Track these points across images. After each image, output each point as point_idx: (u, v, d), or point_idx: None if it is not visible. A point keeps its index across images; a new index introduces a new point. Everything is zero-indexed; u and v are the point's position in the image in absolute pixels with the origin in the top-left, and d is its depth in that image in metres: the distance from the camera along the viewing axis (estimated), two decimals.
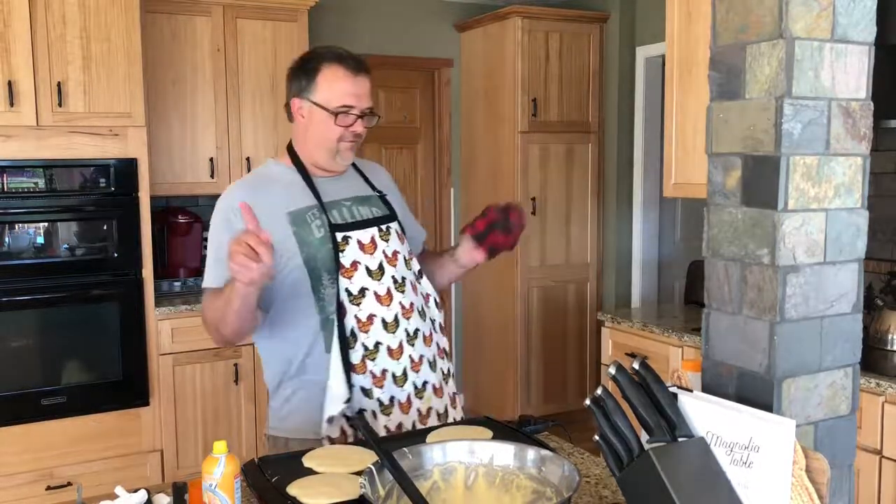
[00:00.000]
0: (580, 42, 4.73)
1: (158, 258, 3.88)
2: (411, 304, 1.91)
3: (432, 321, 2.00)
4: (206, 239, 4.55)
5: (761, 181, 1.31)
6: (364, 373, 1.84)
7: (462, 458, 1.41)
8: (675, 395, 1.31)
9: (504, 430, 1.69)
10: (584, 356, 4.94)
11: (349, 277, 1.83)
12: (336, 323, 1.81)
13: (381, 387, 1.85)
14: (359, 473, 1.36)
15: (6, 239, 3.35)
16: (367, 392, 1.85)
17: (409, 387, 1.89)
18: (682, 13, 3.25)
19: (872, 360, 2.68)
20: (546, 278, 4.78)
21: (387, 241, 1.91)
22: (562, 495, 1.27)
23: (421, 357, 1.92)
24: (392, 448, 1.33)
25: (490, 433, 1.66)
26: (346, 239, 1.85)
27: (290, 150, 1.95)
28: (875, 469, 2.52)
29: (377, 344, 1.85)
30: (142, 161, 3.54)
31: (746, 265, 1.34)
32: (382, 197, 2.01)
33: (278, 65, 4.08)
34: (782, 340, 1.30)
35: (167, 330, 3.65)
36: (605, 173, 4.88)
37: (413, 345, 1.90)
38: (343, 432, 1.88)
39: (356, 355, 1.83)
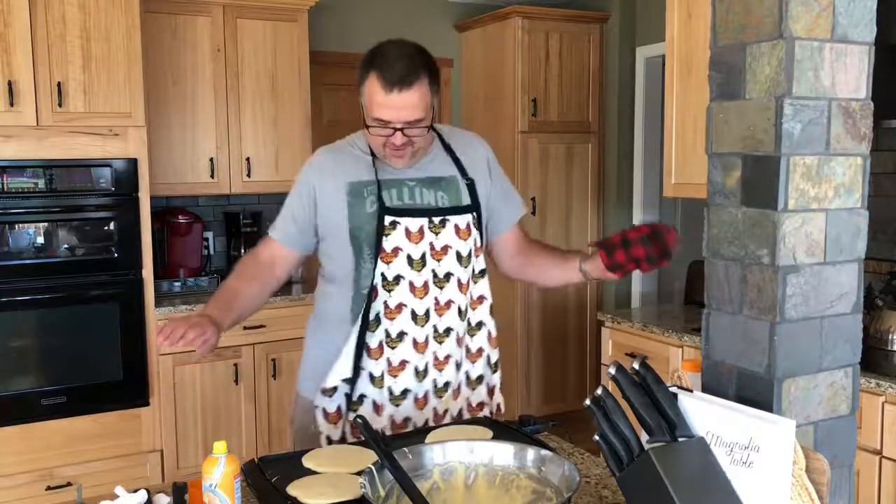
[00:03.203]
0: (580, 42, 4.73)
1: (158, 258, 3.88)
2: (449, 302, 1.88)
3: (475, 324, 1.95)
4: (206, 239, 4.56)
5: (761, 181, 1.30)
6: (379, 359, 1.85)
7: (462, 458, 1.41)
8: (675, 395, 1.31)
9: (504, 430, 1.69)
10: (584, 356, 4.94)
11: (388, 263, 1.83)
12: (365, 302, 1.84)
13: (395, 376, 1.86)
14: (359, 473, 1.36)
15: (6, 239, 3.35)
16: (374, 380, 1.86)
17: (428, 383, 1.89)
18: (682, 13, 3.25)
19: (872, 360, 2.67)
20: None
21: (437, 233, 1.86)
22: (562, 495, 1.27)
23: (448, 357, 1.90)
24: (392, 448, 1.33)
25: (490, 433, 1.66)
26: (393, 224, 1.83)
27: None
28: (875, 469, 2.52)
29: (401, 333, 1.85)
30: (142, 161, 3.54)
31: (746, 265, 1.34)
32: (470, 183, 1.92)
33: (278, 65, 4.08)
34: (782, 340, 1.30)
35: None
36: (605, 173, 4.88)
37: (441, 342, 1.89)
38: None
39: (374, 340, 1.85)
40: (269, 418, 3.91)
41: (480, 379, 1.98)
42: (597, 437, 1.28)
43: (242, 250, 4.24)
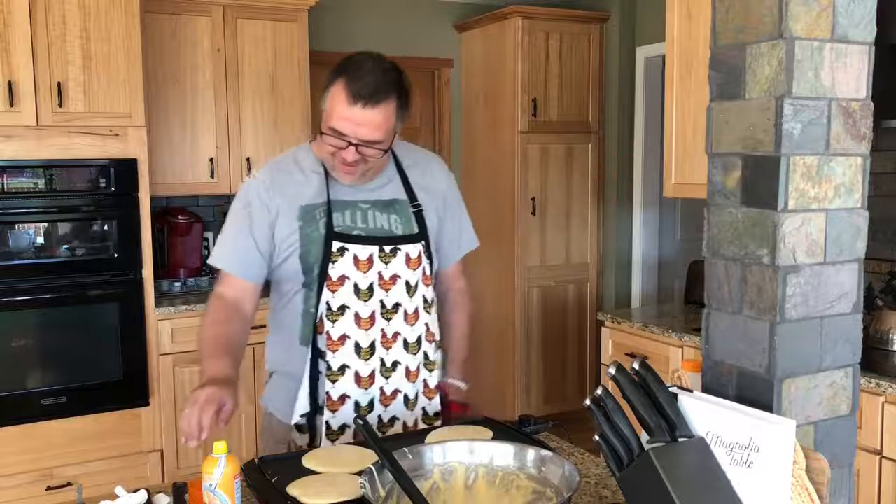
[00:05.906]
0: (580, 42, 4.73)
1: (158, 258, 3.88)
2: (395, 334, 1.80)
3: (434, 359, 1.88)
4: (206, 239, 4.54)
5: (761, 181, 1.30)
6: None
7: (462, 458, 1.41)
8: (675, 396, 1.31)
9: (504, 430, 1.69)
10: (584, 356, 4.94)
11: (333, 291, 1.74)
12: (311, 339, 1.76)
13: (334, 411, 1.77)
14: (359, 473, 1.36)
15: (6, 239, 3.35)
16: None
17: (373, 419, 1.80)
18: (682, 13, 3.25)
19: (872, 360, 2.67)
20: (546, 278, 4.78)
21: (387, 263, 1.77)
22: (562, 495, 1.27)
23: (395, 392, 1.82)
24: (392, 448, 1.33)
25: (490, 433, 1.66)
26: (341, 251, 1.74)
27: None
28: (875, 469, 2.52)
29: (343, 367, 1.75)
30: (142, 161, 3.54)
31: (746, 265, 1.34)
32: (417, 210, 1.84)
33: (278, 65, 4.08)
34: (782, 340, 1.30)
35: (167, 330, 3.65)
36: (605, 173, 4.88)
37: (388, 377, 1.80)
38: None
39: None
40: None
41: (438, 415, 1.91)
42: (597, 437, 1.28)
43: None
